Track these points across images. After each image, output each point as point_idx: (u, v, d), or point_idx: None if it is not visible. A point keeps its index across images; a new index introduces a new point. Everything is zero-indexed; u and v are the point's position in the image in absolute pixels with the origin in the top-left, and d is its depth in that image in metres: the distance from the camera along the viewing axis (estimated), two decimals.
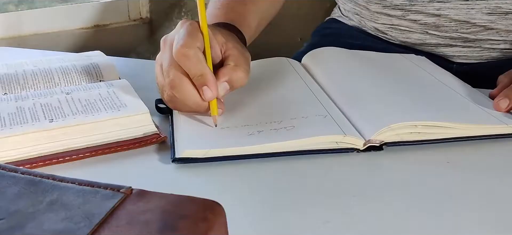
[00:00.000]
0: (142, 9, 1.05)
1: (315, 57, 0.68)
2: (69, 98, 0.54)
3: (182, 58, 0.50)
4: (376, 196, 0.42)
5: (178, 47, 0.50)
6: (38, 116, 0.50)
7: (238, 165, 0.46)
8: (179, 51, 0.50)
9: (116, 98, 0.54)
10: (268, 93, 0.58)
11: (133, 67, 0.70)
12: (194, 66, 0.50)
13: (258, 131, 0.49)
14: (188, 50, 0.49)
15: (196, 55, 0.50)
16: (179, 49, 0.50)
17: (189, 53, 0.49)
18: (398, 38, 0.77)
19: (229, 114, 0.53)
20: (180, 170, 0.46)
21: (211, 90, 0.50)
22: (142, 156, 0.48)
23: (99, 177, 0.45)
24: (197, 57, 0.50)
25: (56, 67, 0.62)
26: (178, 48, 0.50)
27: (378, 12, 0.77)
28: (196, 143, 0.47)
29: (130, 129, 0.51)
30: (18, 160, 0.46)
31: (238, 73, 0.52)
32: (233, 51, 0.53)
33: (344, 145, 0.48)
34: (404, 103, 0.53)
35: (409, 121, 0.48)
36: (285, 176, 0.45)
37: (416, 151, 0.48)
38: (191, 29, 0.51)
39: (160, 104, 0.56)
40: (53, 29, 0.95)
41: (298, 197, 0.42)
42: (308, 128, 0.49)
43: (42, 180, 0.34)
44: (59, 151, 0.48)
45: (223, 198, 0.37)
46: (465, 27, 0.71)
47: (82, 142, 0.49)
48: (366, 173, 0.45)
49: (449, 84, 0.60)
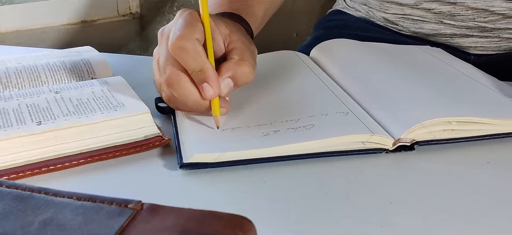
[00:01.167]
0: (132, 3, 0.98)
1: (325, 49, 0.63)
2: (59, 98, 0.48)
3: (178, 51, 0.44)
4: (415, 202, 0.37)
5: (174, 39, 0.44)
6: (24, 118, 0.44)
7: (254, 170, 0.41)
8: (175, 44, 0.44)
9: (112, 97, 0.48)
10: (279, 89, 0.53)
11: (127, 63, 0.64)
12: (193, 61, 0.44)
13: (274, 131, 0.44)
14: (185, 42, 0.43)
15: (195, 48, 0.44)
16: (175, 41, 0.43)
17: (187, 46, 0.43)
18: (410, 29, 0.72)
19: (239, 113, 0.48)
20: (189, 176, 0.40)
21: (212, 88, 0.44)
22: (145, 162, 0.43)
23: (96, 187, 0.39)
24: (195, 50, 0.44)
25: (42, 64, 0.56)
26: (174, 40, 0.44)
27: (388, 1, 0.73)
28: (206, 146, 0.42)
29: (129, 131, 0.45)
30: (1, 169, 0.40)
31: (243, 68, 0.46)
32: (238, 44, 0.47)
33: (372, 145, 0.43)
34: (432, 98, 0.48)
35: (443, 117, 0.43)
36: (309, 181, 0.39)
37: (450, 150, 0.43)
38: (189, 18, 0.45)
39: (161, 104, 0.51)
40: (36, 25, 0.88)
41: (328, 205, 0.36)
42: (330, 127, 0.44)
43: (33, 194, 0.28)
44: (49, 157, 0.42)
45: (243, 209, 0.31)
46: (483, 16, 0.67)
47: (75, 146, 0.43)
48: (399, 176, 0.40)
49: (473, 77, 0.55)
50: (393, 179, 0.40)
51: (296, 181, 0.39)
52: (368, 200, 0.37)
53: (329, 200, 0.37)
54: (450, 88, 0.51)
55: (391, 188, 0.38)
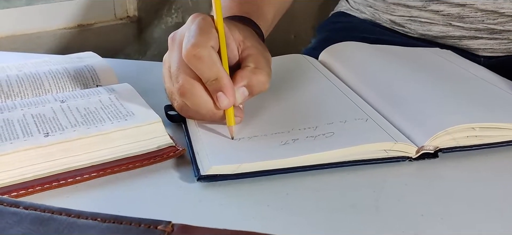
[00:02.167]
0: (129, 6, 0.96)
1: (335, 53, 0.62)
2: (65, 107, 0.46)
3: (193, 60, 0.42)
4: (446, 214, 0.35)
5: (188, 47, 0.42)
6: (30, 130, 0.42)
7: (274, 181, 0.39)
8: (190, 52, 0.42)
9: (120, 105, 0.46)
10: (293, 94, 0.51)
11: (131, 69, 0.62)
12: (208, 69, 0.42)
13: (293, 140, 0.42)
14: (201, 51, 0.42)
15: (210, 56, 0.42)
16: (189, 49, 0.42)
17: (202, 54, 0.42)
18: (417, 31, 0.71)
19: (254, 121, 0.46)
20: (207, 189, 0.38)
21: (227, 97, 0.42)
22: (159, 174, 0.41)
23: (111, 202, 0.37)
24: (210, 58, 0.42)
25: (44, 71, 0.53)
26: (189, 48, 0.42)
27: (395, 3, 0.71)
28: (224, 157, 0.40)
29: (141, 141, 0.43)
30: (9, 184, 0.38)
31: (258, 76, 0.44)
32: (253, 51, 0.46)
33: (395, 153, 0.41)
34: (453, 103, 0.47)
35: (467, 123, 0.42)
36: (334, 193, 0.38)
37: (474, 157, 0.42)
38: (203, 25, 0.44)
39: (171, 112, 0.49)
40: (31, 30, 0.86)
41: (356, 219, 0.35)
42: (351, 135, 0.42)
43: (53, 216, 0.26)
44: (58, 171, 0.40)
45: (270, 224, 0.30)
46: (492, 18, 0.66)
47: (86, 159, 0.41)
48: (426, 185, 0.39)
49: (488, 80, 0.54)
50: (420, 189, 0.38)
51: (320, 193, 0.38)
52: (398, 212, 0.35)
53: (357, 212, 0.35)
54: (469, 93, 0.50)
55: (419, 199, 0.37)
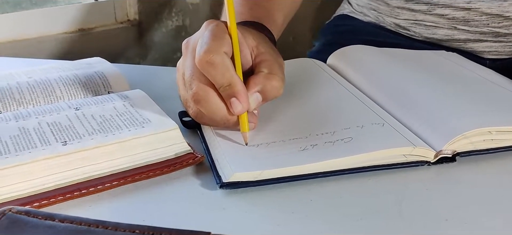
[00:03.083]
0: (130, 10, 0.96)
1: (344, 56, 0.62)
2: (80, 115, 0.45)
3: (206, 66, 0.42)
4: (469, 218, 0.36)
5: (201, 53, 0.42)
6: (47, 138, 0.41)
7: (296, 187, 0.39)
8: (203, 58, 0.42)
9: (136, 112, 0.46)
10: (306, 99, 0.52)
11: (140, 75, 0.62)
12: (221, 75, 0.42)
13: (312, 145, 0.43)
14: (214, 56, 0.42)
15: (223, 62, 0.42)
16: (203, 55, 0.42)
17: (215, 60, 0.42)
18: (422, 35, 0.71)
19: (270, 126, 0.46)
20: (230, 196, 0.38)
21: (240, 103, 0.42)
22: (179, 181, 0.40)
23: (135, 211, 0.37)
24: (224, 65, 0.42)
25: (55, 77, 0.53)
26: (202, 54, 0.42)
27: (399, 7, 0.72)
28: (245, 164, 0.40)
29: (159, 149, 0.43)
30: (31, 194, 0.38)
31: (272, 82, 0.44)
32: (266, 56, 0.46)
33: (414, 158, 0.41)
34: (468, 107, 0.47)
35: (484, 127, 0.43)
36: (358, 199, 0.38)
37: (491, 160, 0.43)
38: (217, 30, 0.43)
39: (185, 118, 0.49)
40: (32, 34, 0.85)
41: (383, 225, 0.35)
42: (370, 140, 0.43)
43: (90, 229, 0.26)
44: (79, 180, 0.39)
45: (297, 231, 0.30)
46: (497, 21, 0.66)
47: (105, 167, 0.41)
48: (447, 190, 0.39)
49: (497, 82, 0.54)
50: (441, 193, 0.39)
51: (344, 199, 0.38)
52: (422, 218, 0.36)
53: (382, 218, 0.36)
54: (480, 95, 0.50)
55: (441, 204, 0.37)
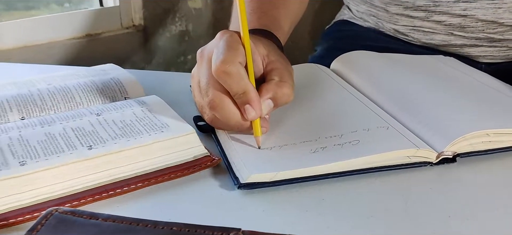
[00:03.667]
0: (135, 16, 0.98)
1: (347, 62, 0.65)
2: (102, 120, 0.48)
3: (222, 75, 0.45)
4: (470, 214, 0.39)
5: (218, 63, 0.45)
6: (73, 143, 0.44)
7: (308, 188, 0.42)
8: (220, 68, 0.45)
9: (154, 117, 0.49)
10: (313, 103, 0.54)
11: (152, 80, 0.64)
12: (236, 84, 0.45)
13: (322, 148, 0.45)
14: (229, 67, 0.44)
15: (238, 72, 0.45)
16: (219, 65, 0.45)
17: (230, 70, 0.44)
18: (420, 40, 0.75)
19: (281, 130, 0.49)
20: (247, 196, 0.41)
21: (254, 109, 0.45)
22: (199, 183, 0.43)
23: (159, 211, 0.40)
24: (238, 74, 0.45)
25: (73, 84, 0.55)
26: (218, 64, 0.45)
27: (398, 13, 0.75)
28: (261, 166, 0.43)
29: (179, 152, 0.45)
30: (62, 195, 0.40)
31: (283, 89, 0.47)
32: (277, 65, 0.49)
33: (417, 159, 0.44)
34: (467, 110, 0.50)
35: (483, 130, 0.46)
36: (367, 197, 0.41)
37: (489, 160, 0.46)
38: (231, 41, 0.46)
39: (200, 122, 0.51)
40: (42, 40, 0.87)
41: (391, 222, 0.38)
42: (376, 143, 0.45)
43: (131, 226, 0.28)
44: (105, 182, 0.42)
45: (313, 228, 0.33)
46: (492, 27, 0.70)
47: (129, 170, 0.43)
48: (449, 189, 0.42)
49: (493, 86, 0.58)
50: (443, 192, 0.42)
51: (353, 198, 0.41)
52: (427, 215, 0.38)
53: (390, 216, 0.39)
54: (478, 99, 0.53)
55: (444, 201, 0.40)
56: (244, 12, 0.47)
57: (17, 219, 0.37)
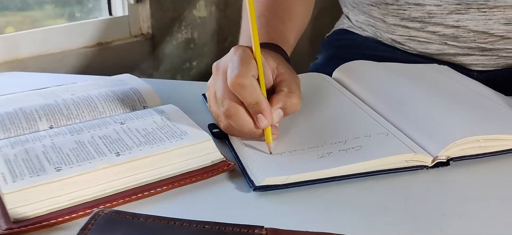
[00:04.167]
0: (143, 25, 1.02)
1: (348, 71, 0.69)
2: (126, 128, 0.52)
3: (237, 88, 0.49)
4: (463, 212, 0.43)
5: (233, 76, 0.49)
6: (102, 150, 0.48)
7: (317, 189, 0.46)
8: (235, 81, 0.49)
9: (173, 125, 0.53)
10: (318, 111, 0.59)
11: (166, 89, 0.68)
12: (250, 95, 0.49)
13: (328, 153, 0.50)
14: (244, 80, 0.49)
15: (252, 84, 0.49)
16: (234, 79, 0.49)
17: (245, 83, 0.49)
18: (416, 49, 0.79)
19: (290, 136, 0.53)
20: (261, 198, 0.45)
21: (266, 118, 0.50)
22: (217, 186, 0.47)
23: (183, 212, 0.44)
24: (252, 86, 0.49)
25: (96, 94, 0.60)
26: (234, 78, 0.49)
27: (395, 24, 0.79)
28: (273, 170, 0.47)
29: (198, 157, 0.50)
30: (96, 198, 0.44)
31: (292, 99, 0.52)
32: (285, 77, 0.53)
33: (414, 163, 0.49)
34: (460, 117, 0.55)
35: (473, 136, 0.50)
36: (369, 197, 0.45)
37: (480, 164, 0.50)
38: (244, 56, 0.51)
39: (214, 130, 0.56)
40: (56, 49, 0.91)
41: (392, 219, 0.42)
42: (377, 148, 0.50)
43: (170, 225, 0.33)
44: (133, 185, 0.46)
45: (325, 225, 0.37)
46: (483, 38, 0.74)
47: (153, 174, 0.47)
48: (444, 189, 0.47)
49: (484, 94, 0.62)
50: (438, 192, 0.46)
51: (359, 199, 0.45)
52: (424, 213, 0.43)
53: (392, 214, 0.43)
54: (469, 107, 0.58)
55: (439, 201, 0.45)
56: (256, 31, 0.52)
57: (57, 220, 0.42)
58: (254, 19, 0.51)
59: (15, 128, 0.53)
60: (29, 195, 0.43)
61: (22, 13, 0.94)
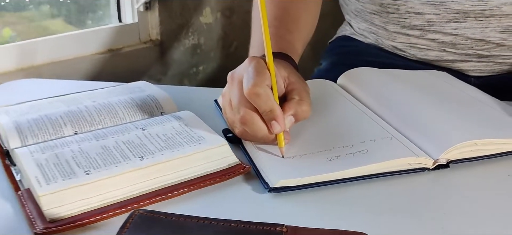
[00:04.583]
0: (152, 31, 1.06)
1: (352, 78, 0.73)
2: (147, 134, 0.56)
3: (253, 96, 0.53)
4: (462, 211, 0.47)
5: (249, 86, 0.53)
6: (126, 154, 0.52)
7: (327, 190, 0.50)
8: (251, 91, 0.53)
9: (191, 131, 0.56)
10: (326, 117, 0.62)
11: (178, 95, 0.72)
12: (264, 104, 0.53)
13: (336, 156, 0.54)
14: (259, 89, 0.53)
15: (266, 93, 0.53)
16: (251, 88, 0.53)
17: (260, 92, 0.53)
18: (416, 56, 0.83)
19: (300, 141, 0.57)
20: (276, 199, 0.49)
21: (279, 125, 0.54)
22: (234, 187, 0.51)
23: (205, 211, 0.48)
24: (266, 95, 0.53)
25: (116, 101, 0.63)
26: (250, 87, 0.53)
27: (396, 32, 0.83)
28: (287, 172, 0.51)
29: (214, 161, 0.53)
30: (123, 199, 0.48)
31: (303, 107, 0.56)
32: (296, 85, 0.57)
33: (417, 166, 0.53)
34: (458, 122, 0.58)
35: (471, 140, 0.54)
36: (375, 198, 0.49)
37: (477, 166, 0.54)
38: (259, 67, 0.55)
39: (229, 135, 0.59)
40: (69, 56, 0.95)
41: (398, 218, 0.46)
42: (382, 151, 0.54)
43: (199, 223, 0.36)
44: (156, 187, 0.50)
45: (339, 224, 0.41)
46: (480, 45, 0.78)
47: (174, 177, 0.51)
48: (444, 190, 0.51)
49: (481, 99, 0.66)
50: (439, 193, 0.50)
51: (366, 198, 0.49)
52: (427, 212, 0.47)
53: (397, 212, 0.47)
54: (467, 112, 0.62)
55: (440, 201, 0.49)
56: (269, 44, 0.56)
57: (90, 220, 0.45)
58: (268, 33, 0.55)
59: (43, 133, 0.57)
60: (62, 197, 0.46)
61: (18, 14, 0.96)
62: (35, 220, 0.45)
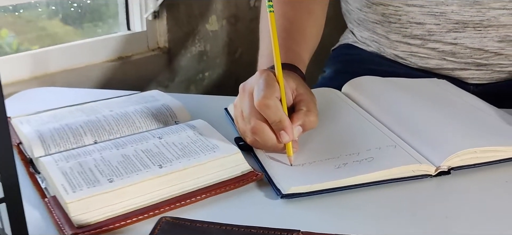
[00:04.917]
0: (160, 39, 1.09)
1: (356, 86, 0.76)
2: (164, 143, 0.59)
3: (263, 108, 0.56)
4: (463, 215, 0.50)
5: (260, 98, 0.56)
6: (146, 163, 0.55)
7: (335, 197, 0.53)
8: (261, 102, 0.56)
9: (205, 139, 0.60)
10: (332, 125, 0.66)
11: (190, 104, 0.75)
12: (274, 114, 0.56)
13: (343, 164, 0.57)
14: (269, 101, 0.56)
15: (276, 105, 0.56)
16: (261, 100, 0.56)
17: (270, 103, 0.56)
18: (417, 64, 0.86)
19: (308, 149, 0.60)
20: (287, 204, 0.52)
21: (287, 134, 0.57)
22: (248, 194, 0.54)
23: (221, 216, 0.51)
24: (276, 106, 0.56)
25: (132, 110, 0.66)
26: (260, 99, 0.56)
27: (397, 41, 0.86)
28: (297, 179, 0.54)
29: (228, 168, 0.56)
30: (144, 205, 0.51)
31: (310, 117, 0.59)
32: (304, 97, 0.60)
33: (420, 172, 0.56)
34: (459, 131, 0.61)
35: (472, 148, 0.57)
36: (381, 203, 0.52)
37: (477, 173, 0.57)
38: (269, 80, 0.58)
39: (240, 143, 0.62)
40: (81, 64, 0.98)
41: (403, 221, 0.49)
42: (387, 159, 0.57)
43: (221, 229, 0.39)
44: (175, 194, 0.53)
45: (348, 228, 0.44)
46: (479, 54, 0.81)
47: (192, 184, 0.54)
48: (446, 195, 0.54)
49: (480, 108, 0.69)
50: (441, 198, 0.53)
51: (372, 204, 0.52)
52: (429, 216, 0.50)
53: (402, 217, 0.50)
54: (468, 120, 0.64)
55: (442, 206, 0.52)
56: (278, 59, 0.59)
57: (115, 225, 0.48)
58: (278, 48, 0.58)
59: (64, 142, 0.60)
60: (88, 204, 0.49)
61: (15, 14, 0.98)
62: (64, 226, 0.48)
